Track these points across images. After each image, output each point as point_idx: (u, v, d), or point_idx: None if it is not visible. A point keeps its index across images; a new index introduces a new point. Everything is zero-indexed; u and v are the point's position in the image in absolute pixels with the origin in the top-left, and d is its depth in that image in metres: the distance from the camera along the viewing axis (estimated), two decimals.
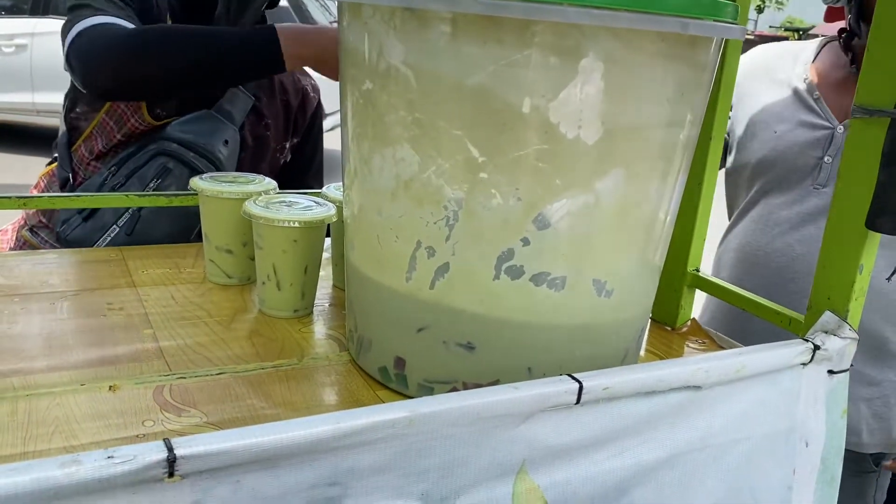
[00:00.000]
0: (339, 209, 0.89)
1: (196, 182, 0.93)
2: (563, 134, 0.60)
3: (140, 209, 1.18)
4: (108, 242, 1.17)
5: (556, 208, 0.63)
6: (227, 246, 0.94)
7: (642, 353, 0.87)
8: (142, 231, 1.19)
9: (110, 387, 0.68)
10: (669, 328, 0.96)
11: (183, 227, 1.22)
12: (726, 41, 0.83)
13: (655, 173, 0.66)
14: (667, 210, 0.70)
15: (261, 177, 0.99)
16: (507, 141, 0.61)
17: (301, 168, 1.45)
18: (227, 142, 1.26)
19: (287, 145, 1.42)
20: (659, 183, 0.67)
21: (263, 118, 1.35)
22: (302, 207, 0.86)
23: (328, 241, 0.98)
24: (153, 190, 1.19)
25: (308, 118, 1.45)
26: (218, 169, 1.23)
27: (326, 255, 0.95)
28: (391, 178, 0.66)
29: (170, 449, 0.46)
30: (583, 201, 0.63)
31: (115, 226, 1.18)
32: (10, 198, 1.01)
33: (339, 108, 0.75)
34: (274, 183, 0.98)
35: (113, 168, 1.20)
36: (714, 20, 0.62)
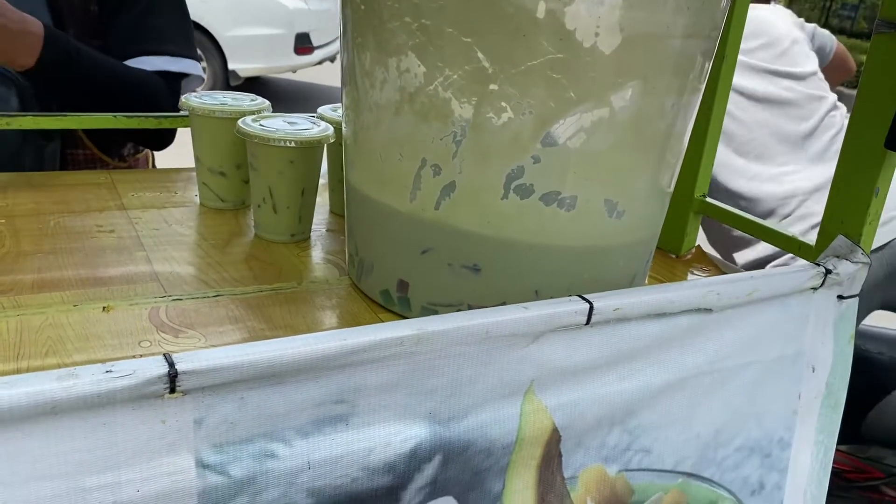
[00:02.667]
0: (337, 131, 0.86)
1: (187, 100, 0.89)
2: (579, 42, 0.57)
3: None
4: None
5: (569, 123, 0.60)
6: (219, 168, 0.90)
7: (646, 279, 0.85)
8: None
9: (104, 307, 0.66)
10: (674, 255, 0.94)
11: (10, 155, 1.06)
12: None
13: (672, 88, 0.63)
14: (682, 128, 0.67)
15: (254, 95, 0.95)
16: (519, 49, 0.57)
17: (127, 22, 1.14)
18: None
19: None
20: (675, 98, 0.64)
21: None
22: (298, 127, 0.83)
23: (324, 166, 0.95)
24: None
25: None
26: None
27: (323, 181, 0.92)
28: (395, 91, 0.63)
29: (171, 364, 0.44)
30: (597, 116, 0.60)
31: None
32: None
33: (329, 39, 0.71)
34: (267, 102, 0.94)
35: None
36: None
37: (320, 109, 0.95)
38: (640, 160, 0.65)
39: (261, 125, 0.81)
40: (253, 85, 5.83)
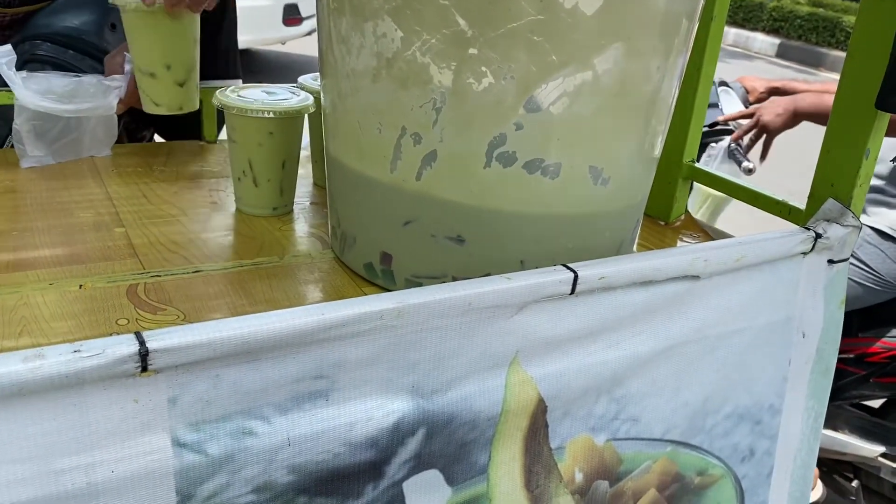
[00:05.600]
0: (317, 100, 0.84)
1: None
2: (559, 2, 0.55)
3: None
4: None
5: (551, 88, 0.58)
6: (149, 68, 0.88)
7: (634, 247, 0.84)
8: None
9: (80, 285, 0.64)
10: (663, 222, 0.93)
11: None
12: None
13: (657, 50, 0.61)
14: (668, 92, 0.65)
15: None
16: (498, 11, 0.55)
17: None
18: (114, 26, 1.02)
19: None
20: (661, 61, 0.62)
21: None
22: (278, 97, 0.81)
23: (306, 137, 0.93)
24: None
25: None
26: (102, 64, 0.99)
27: (305, 152, 0.90)
28: (372, 57, 0.61)
29: (141, 342, 0.43)
30: (580, 79, 0.58)
31: None
32: None
33: (314, 11, 0.69)
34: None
35: None
36: None
37: (301, 79, 0.93)
38: (626, 125, 0.64)
39: (239, 96, 0.79)
40: (242, 57, 5.75)
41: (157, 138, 1.27)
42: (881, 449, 1.59)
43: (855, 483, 1.69)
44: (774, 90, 1.82)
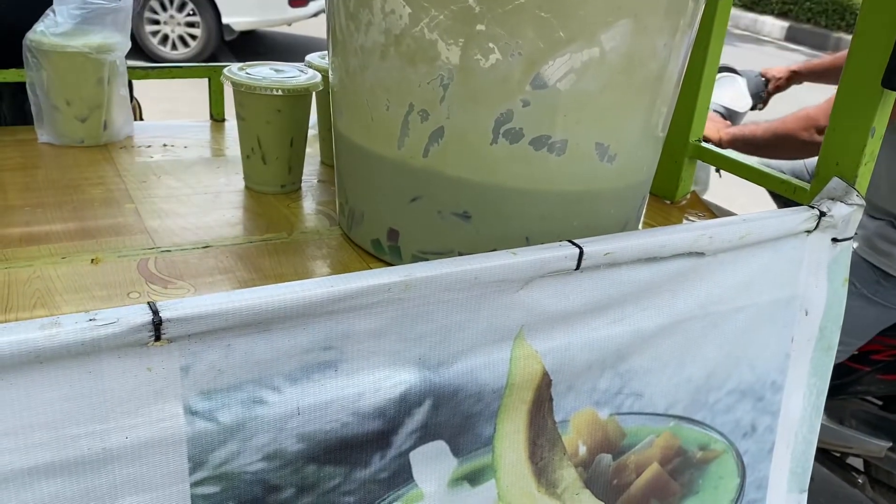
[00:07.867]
0: (325, 78, 0.84)
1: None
2: None
3: None
4: None
5: (558, 64, 0.59)
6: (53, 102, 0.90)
7: (640, 226, 0.84)
8: None
9: (92, 260, 0.65)
10: (668, 201, 0.93)
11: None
12: None
13: (664, 27, 0.61)
14: (675, 70, 0.66)
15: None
16: None
17: None
18: None
19: None
20: (668, 38, 0.62)
21: None
22: (286, 75, 0.81)
23: (314, 116, 0.94)
24: None
25: None
26: None
27: (313, 131, 0.90)
28: (380, 34, 0.61)
29: (155, 312, 0.44)
30: (587, 56, 0.59)
31: None
32: None
33: None
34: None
35: None
36: None
37: (308, 57, 0.93)
38: (632, 102, 0.64)
39: (247, 73, 0.80)
40: (248, 39, 5.74)
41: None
42: (888, 444, 1.58)
43: (861, 479, 1.68)
44: (793, 74, 1.79)
